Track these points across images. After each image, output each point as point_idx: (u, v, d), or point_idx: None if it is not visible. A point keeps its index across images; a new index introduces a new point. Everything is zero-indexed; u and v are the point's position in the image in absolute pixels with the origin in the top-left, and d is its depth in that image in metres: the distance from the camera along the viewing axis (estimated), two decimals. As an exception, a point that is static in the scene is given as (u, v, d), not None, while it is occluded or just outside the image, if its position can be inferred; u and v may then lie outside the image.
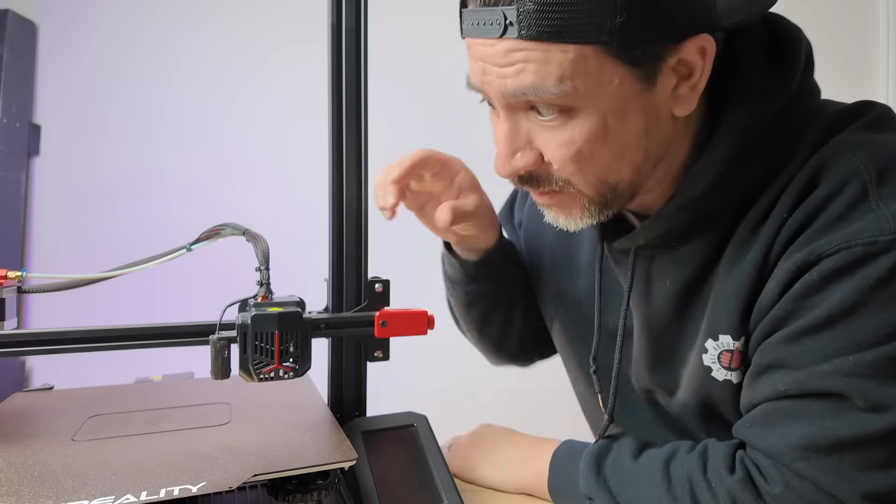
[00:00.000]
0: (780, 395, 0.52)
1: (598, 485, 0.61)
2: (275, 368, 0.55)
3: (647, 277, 0.63)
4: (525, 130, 0.54)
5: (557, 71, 0.48)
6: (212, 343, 0.54)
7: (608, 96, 0.50)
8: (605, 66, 0.49)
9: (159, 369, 0.90)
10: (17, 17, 1.75)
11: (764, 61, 0.55)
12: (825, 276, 0.49)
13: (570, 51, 0.48)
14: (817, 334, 0.49)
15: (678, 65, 0.51)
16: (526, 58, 0.48)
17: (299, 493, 0.53)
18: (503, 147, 0.55)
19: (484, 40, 0.50)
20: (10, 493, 0.45)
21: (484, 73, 0.52)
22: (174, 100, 1.77)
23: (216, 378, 0.55)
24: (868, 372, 0.47)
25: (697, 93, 0.53)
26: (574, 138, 0.51)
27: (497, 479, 0.73)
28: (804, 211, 0.51)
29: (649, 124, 0.53)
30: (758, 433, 0.53)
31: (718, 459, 0.55)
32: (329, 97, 0.66)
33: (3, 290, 0.58)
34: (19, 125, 1.75)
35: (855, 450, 0.48)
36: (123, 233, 1.73)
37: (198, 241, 0.63)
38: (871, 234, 0.47)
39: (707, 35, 0.51)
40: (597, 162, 0.53)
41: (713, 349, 0.58)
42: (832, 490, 0.49)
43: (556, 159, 0.53)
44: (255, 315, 0.55)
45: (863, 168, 0.50)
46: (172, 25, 1.78)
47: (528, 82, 0.49)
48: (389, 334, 0.66)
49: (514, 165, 0.55)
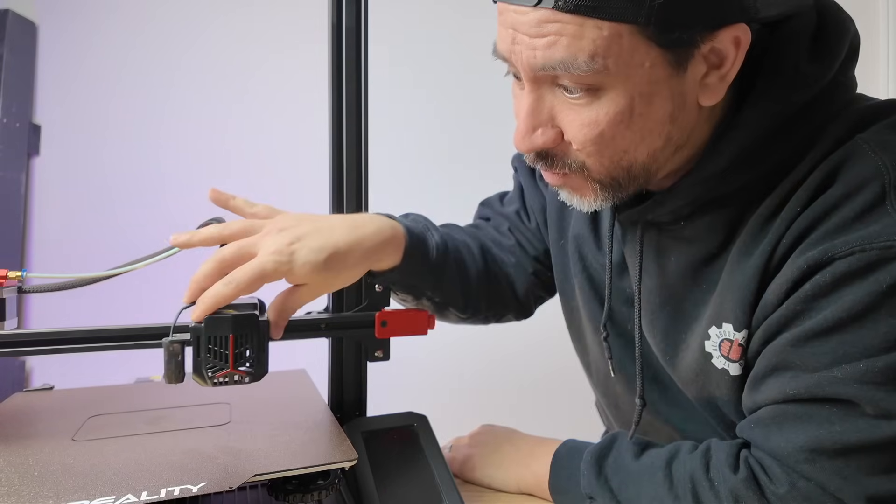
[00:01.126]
0: (788, 398, 0.51)
1: (600, 484, 0.61)
2: (229, 373, 0.54)
3: (657, 253, 0.62)
4: (549, 106, 0.52)
5: (590, 47, 0.47)
6: (165, 346, 0.53)
7: (638, 78, 0.49)
8: (640, 47, 0.47)
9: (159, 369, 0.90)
10: (17, 17, 1.75)
11: (805, 47, 0.54)
12: (837, 278, 0.48)
13: (605, 28, 0.46)
14: (826, 337, 0.49)
15: (710, 53, 0.50)
16: (560, 30, 0.47)
17: (299, 493, 0.53)
18: (524, 121, 0.53)
19: (517, 7, 0.48)
20: (10, 493, 0.45)
21: (514, 41, 0.50)
22: (174, 100, 1.77)
23: (169, 382, 0.53)
24: (878, 379, 0.47)
25: (726, 83, 0.52)
26: (599, 119, 0.50)
27: (497, 479, 0.72)
28: (819, 207, 0.50)
29: (675, 110, 0.52)
30: (763, 434, 0.53)
31: (722, 459, 0.55)
32: (329, 97, 0.66)
33: (3, 290, 0.58)
34: (19, 125, 1.75)
35: (861, 454, 0.48)
36: (123, 233, 1.72)
37: (198, 240, 0.62)
38: (887, 239, 0.46)
39: (744, 25, 0.49)
40: (616, 144, 0.52)
41: (715, 336, 0.57)
42: (837, 493, 0.48)
43: (577, 139, 0.52)
44: (208, 318, 0.53)
45: (884, 170, 0.49)
46: (173, 25, 1.78)
47: (559, 56, 0.47)
48: (389, 334, 0.66)
49: (533, 142, 0.53)
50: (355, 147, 0.67)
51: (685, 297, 0.61)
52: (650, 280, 0.63)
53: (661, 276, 0.62)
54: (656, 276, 0.63)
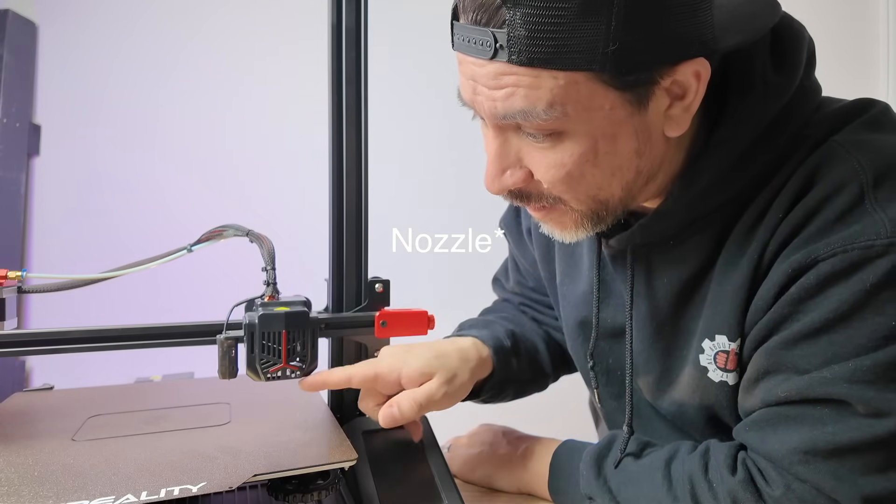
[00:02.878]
0: (780, 401, 0.52)
1: (599, 485, 0.61)
2: (282, 368, 0.56)
3: (647, 276, 0.63)
4: (515, 149, 0.53)
5: (548, 97, 0.47)
6: (219, 343, 0.55)
7: (599, 121, 0.49)
8: (597, 91, 0.48)
9: (159, 369, 0.90)
10: (17, 17, 1.75)
11: (767, 60, 0.55)
12: (822, 280, 0.48)
13: (561, 77, 0.46)
14: (815, 339, 0.49)
15: (672, 86, 0.50)
16: (516, 82, 0.47)
17: (299, 493, 0.54)
18: (493, 164, 0.54)
19: (475, 59, 0.49)
20: (10, 493, 0.45)
21: (475, 91, 0.51)
22: (174, 100, 1.77)
23: (223, 377, 0.55)
24: (868, 378, 0.47)
25: (690, 114, 0.52)
26: (564, 160, 0.51)
27: (497, 478, 0.73)
28: (800, 211, 0.51)
29: (640, 145, 0.52)
30: (758, 437, 0.53)
31: (720, 460, 0.55)
32: (329, 97, 0.66)
33: (3, 290, 0.58)
34: (19, 125, 1.75)
35: (855, 454, 0.48)
36: (124, 233, 1.73)
37: (199, 242, 0.63)
38: (868, 238, 0.47)
39: (703, 59, 0.49)
40: (587, 182, 0.53)
41: (709, 349, 0.58)
42: (832, 493, 0.49)
43: (546, 180, 0.53)
44: (262, 314, 0.55)
45: (860, 170, 0.50)
46: (173, 25, 1.78)
47: (518, 107, 0.48)
48: (389, 334, 0.66)
49: (503, 183, 0.54)
50: (355, 147, 0.67)
51: (680, 316, 0.61)
52: (642, 306, 0.63)
53: (652, 301, 0.62)
54: (648, 301, 0.63)
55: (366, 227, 0.69)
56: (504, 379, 0.75)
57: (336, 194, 0.67)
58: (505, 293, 0.92)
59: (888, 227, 0.47)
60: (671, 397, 0.64)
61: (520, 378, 0.77)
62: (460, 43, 0.50)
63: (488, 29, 0.46)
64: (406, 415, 0.61)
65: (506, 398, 0.79)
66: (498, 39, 0.46)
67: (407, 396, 0.62)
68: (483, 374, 0.72)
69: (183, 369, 0.88)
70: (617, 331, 0.67)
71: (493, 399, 0.77)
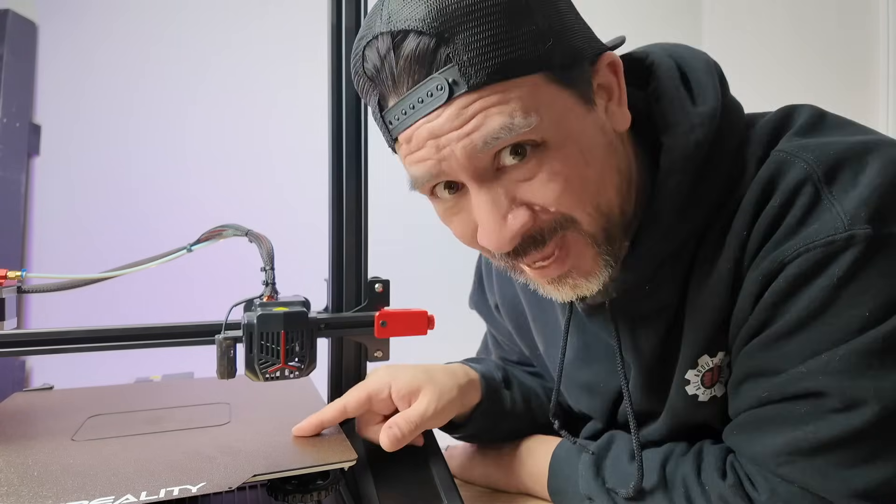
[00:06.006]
0: (762, 401, 0.52)
1: (598, 485, 0.61)
2: (280, 368, 0.56)
3: (632, 328, 0.62)
4: (503, 191, 0.49)
5: (520, 105, 0.46)
6: (217, 343, 0.55)
7: (568, 121, 0.49)
8: (556, 93, 0.48)
9: (159, 369, 0.90)
10: (17, 17, 1.75)
11: (682, 94, 0.56)
12: (791, 281, 0.49)
13: (523, 84, 0.46)
14: (791, 338, 0.50)
15: (600, 84, 0.52)
16: (483, 105, 0.46)
17: (299, 493, 0.54)
18: (491, 216, 0.49)
19: (428, 115, 0.47)
20: (10, 493, 0.46)
21: (439, 148, 0.48)
22: (174, 100, 1.77)
23: (222, 378, 0.55)
24: (841, 367, 0.47)
25: (624, 107, 0.54)
26: (557, 169, 0.49)
27: (496, 478, 0.73)
28: (764, 221, 0.51)
29: (606, 142, 0.53)
30: (744, 440, 0.54)
31: (711, 463, 0.56)
32: (329, 97, 0.66)
33: (3, 290, 0.58)
34: (19, 125, 1.75)
35: (837, 449, 0.48)
36: (124, 233, 1.73)
37: (198, 241, 0.63)
38: (828, 234, 0.48)
39: (611, 52, 0.52)
40: (588, 188, 0.51)
41: (695, 377, 0.58)
42: (821, 491, 0.49)
43: (549, 199, 0.49)
44: (260, 315, 0.55)
45: (810, 170, 0.50)
46: (173, 25, 1.78)
47: (497, 126, 0.46)
48: (389, 334, 0.66)
49: (511, 229, 0.49)
50: (355, 147, 0.67)
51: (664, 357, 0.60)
52: (634, 357, 0.62)
53: (638, 352, 0.62)
54: (635, 354, 0.62)
55: (366, 227, 0.69)
56: (497, 411, 0.72)
57: (336, 194, 0.67)
58: None
59: (845, 219, 0.47)
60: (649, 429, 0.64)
61: (515, 413, 0.73)
62: (403, 118, 0.48)
63: (434, 76, 0.46)
64: (406, 435, 0.62)
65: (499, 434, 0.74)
66: (448, 77, 0.45)
67: (402, 417, 0.63)
68: (473, 398, 0.70)
69: (183, 369, 0.88)
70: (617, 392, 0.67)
71: (487, 434, 0.73)
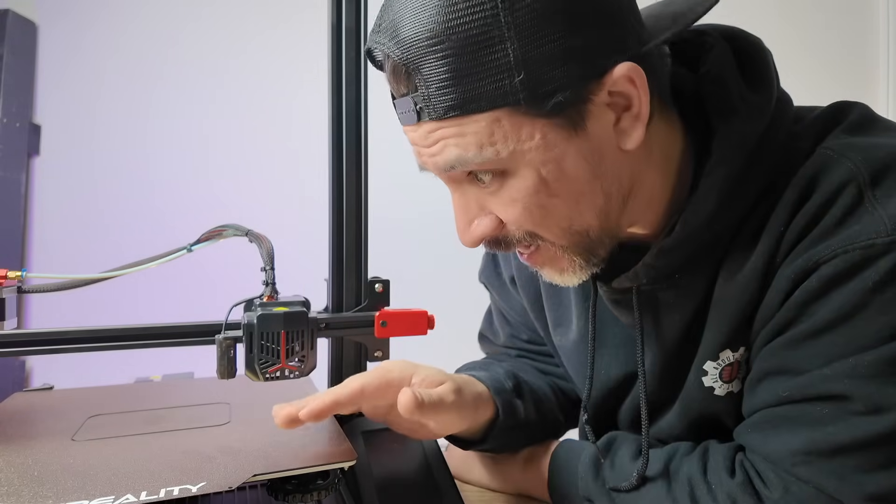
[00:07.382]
0: (782, 400, 0.51)
1: (597, 486, 0.61)
2: (280, 368, 0.56)
3: (655, 315, 0.61)
4: (474, 198, 0.54)
5: (475, 141, 0.48)
6: (218, 343, 0.55)
7: (534, 152, 0.49)
8: (523, 124, 0.48)
9: (159, 369, 0.90)
10: (17, 17, 1.75)
11: (739, 80, 0.55)
12: (824, 282, 0.48)
13: (481, 119, 0.47)
14: (817, 339, 0.49)
15: (613, 98, 0.50)
16: (443, 135, 0.49)
17: (299, 493, 0.53)
18: (459, 219, 0.55)
19: (408, 126, 0.51)
20: (10, 493, 0.45)
21: (419, 154, 0.53)
22: (175, 100, 1.77)
23: (222, 377, 0.55)
24: (868, 373, 0.47)
25: (642, 122, 0.51)
26: (514, 197, 0.51)
27: (496, 479, 0.73)
28: (802, 219, 0.51)
29: (594, 167, 0.51)
30: (760, 438, 0.53)
31: (719, 461, 0.55)
32: (329, 97, 0.66)
33: (3, 290, 0.58)
34: (19, 125, 1.75)
35: (856, 452, 0.48)
36: (124, 233, 1.73)
37: (198, 241, 0.63)
38: (868, 237, 0.47)
39: (628, 63, 0.48)
40: (553, 214, 0.52)
41: (713, 369, 0.58)
42: (835, 493, 0.48)
43: (508, 220, 0.53)
44: (260, 315, 0.55)
45: (856, 171, 0.50)
46: (173, 25, 1.78)
47: (452, 156, 0.49)
48: (389, 334, 0.66)
49: (473, 234, 0.55)
50: (355, 147, 0.67)
51: (684, 347, 0.60)
52: (649, 350, 0.62)
53: (660, 342, 0.61)
54: (656, 343, 0.62)
55: (366, 227, 0.69)
56: (512, 426, 0.68)
57: (336, 194, 0.67)
58: (496, 349, 0.87)
59: (888, 224, 0.47)
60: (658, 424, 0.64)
61: (529, 423, 0.70)
62: (398, 116, 0.52)
63: (408, 97, 0.49)
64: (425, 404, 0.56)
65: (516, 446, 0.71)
66: (416, 103, 0.48)
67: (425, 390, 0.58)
68: (484, 412, 0.66)
69: (183, 369, 0.88)
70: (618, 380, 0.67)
71: (506, 448, 0.71)
